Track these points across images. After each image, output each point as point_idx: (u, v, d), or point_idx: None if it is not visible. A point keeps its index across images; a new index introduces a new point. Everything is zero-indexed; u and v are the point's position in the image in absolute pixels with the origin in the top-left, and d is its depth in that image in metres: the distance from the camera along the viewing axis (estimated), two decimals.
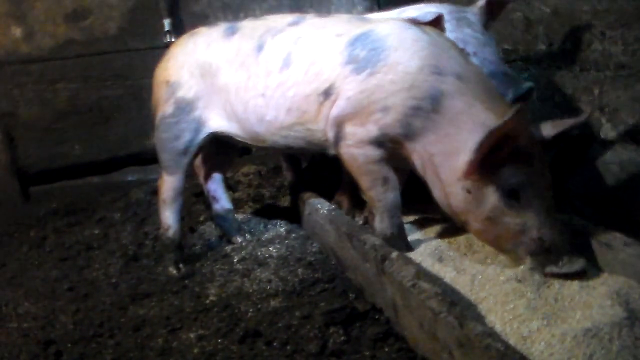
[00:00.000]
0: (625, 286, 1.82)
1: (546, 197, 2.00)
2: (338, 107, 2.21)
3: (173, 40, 3.40)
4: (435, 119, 2.07)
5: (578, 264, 1.94)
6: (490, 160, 1.93)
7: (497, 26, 2.80)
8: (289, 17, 2.47)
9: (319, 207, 2.57)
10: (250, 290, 2.31)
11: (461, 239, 2.28)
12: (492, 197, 1.98)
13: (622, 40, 2.19)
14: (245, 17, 3.54)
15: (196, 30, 2.67)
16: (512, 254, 2.03)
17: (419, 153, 2.14)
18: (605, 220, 2.15)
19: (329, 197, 2.70)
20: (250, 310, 2.17)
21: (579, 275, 1.92)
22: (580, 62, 2.39)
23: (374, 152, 2.20)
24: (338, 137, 2.25)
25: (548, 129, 2.07)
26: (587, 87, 2.35)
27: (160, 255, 2.68)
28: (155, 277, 2.55)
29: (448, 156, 2.05)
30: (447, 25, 2.33)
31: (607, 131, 2.27)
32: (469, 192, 2.01)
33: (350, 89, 2.18)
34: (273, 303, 2.20)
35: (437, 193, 2.14)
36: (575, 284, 1.88)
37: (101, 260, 2.77)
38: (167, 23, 3.45)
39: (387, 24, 2.23)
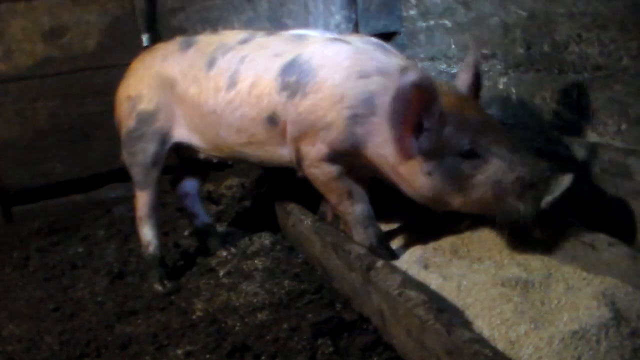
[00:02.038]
0: (611, 286, 1.84)
1: (502, 137, 2.02)
2: (288, 132, 2.27)
3: None
4: (376, 122, 2.10)
5: (566, 179, 1.95)
6: (427, 134, 1.96)
7: (474, 31, 2.82)
8: (241, 34, 2.50)
9: (302, 218, 2.56)
10: (237, 304, 2.30)
11: (446, 245, 2.29)
12: (452, 167, 2.00)
13: (599, 41, 2.21)
14: (224, 30, 3.56)
15: (154, 46, 2.74)
16: (508, 209, 2.00)
17: (375, 159, 2.17)
18: (588, 221, 2.16)
19: (312, 208, 2.69)
20: (238, 324, 2.16)
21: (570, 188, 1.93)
22: (559, 65, 2.40)
23: (331, 169, 2.24)
24: (298, 159, 2.29)
25: (463, 78, 2.17)
26: (566, 89, 2.36)
27: (145, 272, 2.66)
28: (141, 294, 2.53)
29: None
30: None
31: (587, 133, 2.28)
32: (430, 174, 2.02)
33: (290, 113, 2.23)
34: (260, 316, 2.19)
35: (406, 190, 2.16)
36: (560, 286, 1.90)
37: (86, 279, 2.74)
38: (145, 38, 3.44)
39: (312, 45, 2.28)
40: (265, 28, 3.50)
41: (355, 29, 3.45)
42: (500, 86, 2.69)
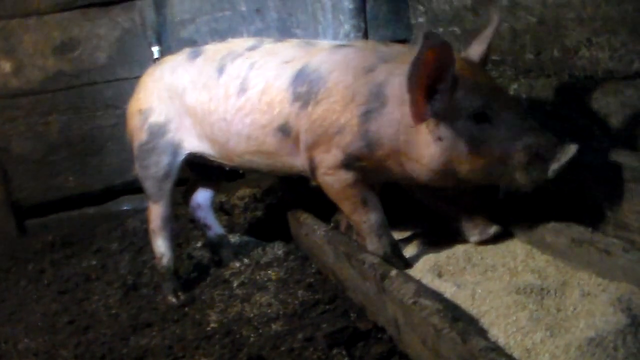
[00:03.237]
0: (627, 292, 1.82)
1: (513, 105, 2.05)
2: (302, 141, 2.28)
3: None
4: (386, 112, 2.12)
5: (572, 148, 1.98)
6: (439, 97, 1.97)
7: None
8: (249, 42, 2.53)
9: (315, 228, 2.56)
10: (251, 315, 2.30)
11: (460, 252, 2.28)
12: (463, 130, 2.01)
13: (609, 46, 2.20)
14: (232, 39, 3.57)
15: (162, 59, 2.75)
16: (513, 177, 2.03)
17: (391, 153, 2.17)
18: (602, 226, 2.15)
19: (324, 218, 2.69)
20: (252, 335, 2.16)
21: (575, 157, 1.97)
22: (569, 70, 2.39)
23: (347, 176, 2.24)
24: (312, 168, 2.30)
25: (476, 48, 2.16)
26: (577, 94, 2.35)
27: (159, 284, 2.66)
28: (156, 306, 2.54)
29: (410, 129, 2.08)
30: None
31: (600, 137, 2.27)
32: (440, 139, 2.03)
33: (304, 122, 2.25)
34: (275, 327, 2.19)
35: (419, 172, 2.14)
36: (576, 293, 1.88)
37: (100, 291, 2.75)
38: (155, 51, 3.45)
39: (319, 54, 2.30)
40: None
41: (365, 38, 3.45)
42: (511, 92, 2.68)
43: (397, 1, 3.54)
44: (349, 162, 2.21)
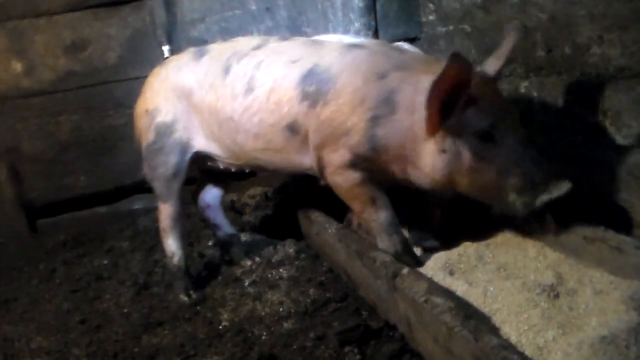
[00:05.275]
0: (639, 290, 1.81)
1: (518, 130, 2.05)
2: (311, 140, 2.28)
3: None
4: (396, 119, 2.12)
5: (566, 185, 1.98)
6: (451, 113, 1.98)
7: (494, 35, 2.81)
8: (254, 41, 2.52)
9: (327, 226, 2.56)
10: (263, 314, 2.30)
11: (471, 250, 2.27)
12: (467, 146, 2.02)
13: (621, 43, 2.19)
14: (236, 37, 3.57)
15: (167, 59, 2.74)
16: (504, 201, 2.04)
17: (395, 159, 2.17)
18: (614, 224, 2.14)
19: (335, 216, 2.69)
20: (264, 333, 2.16)
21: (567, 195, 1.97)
22: (580, 67, 2.38)
23: (355, 175, 2.25)
24: (321, 167, 2.30)
25: (492, 64, 2.14)
26: (588, 92, 2.35)
27: (170, 283, 2.67)
28: (167, 305, 2.54)
29: (417, 138, 2.09)
30: None
31: (612, 135, 2.26)
32: (444, 151, 2.04)
33: (312, 122, 2.25)
34: (286, 325, 2.19)
35: (421, 179, 2.16)
36: (588, 291, 1.88)
37: (112, 290, 2.76)
38: (166, 50, 3.47)
39: (329, 54, 2.29)
40: None
41: (375, 36, 3.45)
42: (522, 90, 2.67)
43: None
44: (357, 162, 2.21)
